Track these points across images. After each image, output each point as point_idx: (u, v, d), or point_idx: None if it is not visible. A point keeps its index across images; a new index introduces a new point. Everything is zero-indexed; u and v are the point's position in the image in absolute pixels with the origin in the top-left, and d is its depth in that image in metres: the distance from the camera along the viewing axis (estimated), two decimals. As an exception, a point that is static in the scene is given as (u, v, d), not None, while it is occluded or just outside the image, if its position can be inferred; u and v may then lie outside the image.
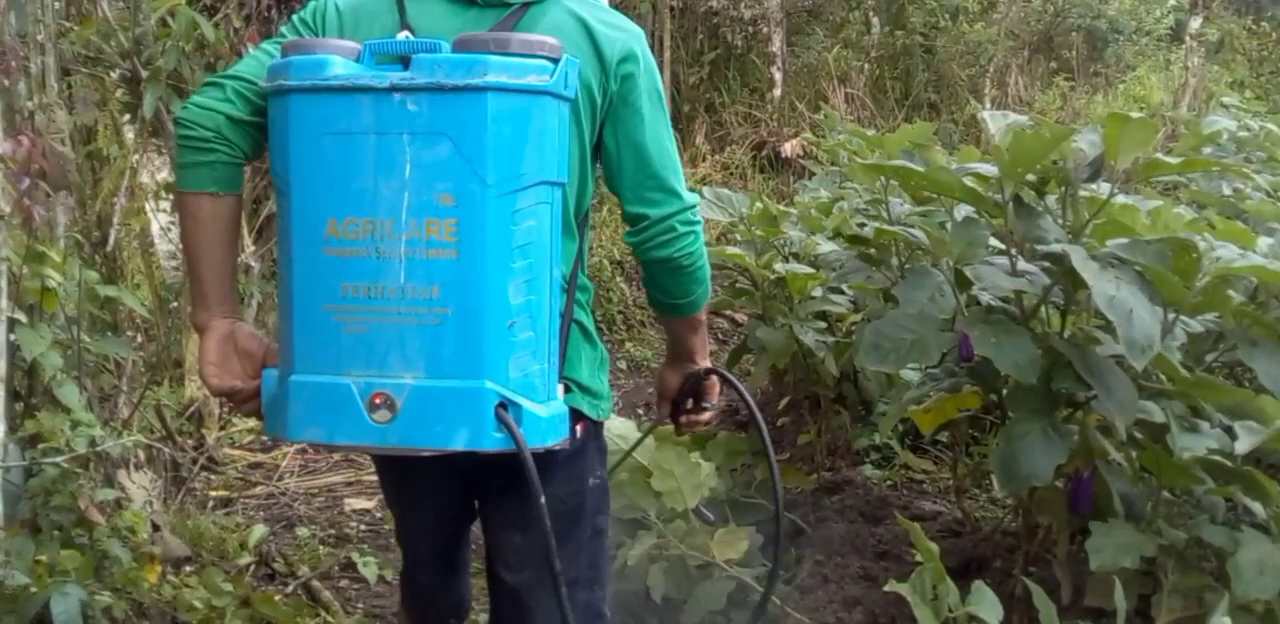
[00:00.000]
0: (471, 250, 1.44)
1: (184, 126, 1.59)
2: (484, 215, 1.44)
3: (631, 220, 1.68)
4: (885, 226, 2.76)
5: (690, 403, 1.92)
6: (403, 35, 1.58)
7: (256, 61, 1.61)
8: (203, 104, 1.58)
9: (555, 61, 1.47)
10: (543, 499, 1.48)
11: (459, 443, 1.45)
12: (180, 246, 2.83)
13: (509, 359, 1.47)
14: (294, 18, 1.67)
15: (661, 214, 1.65)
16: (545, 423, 1.50)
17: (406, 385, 1.44)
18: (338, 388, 1.46)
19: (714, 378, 1.90)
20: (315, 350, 1.49)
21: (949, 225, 2.55)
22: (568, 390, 1.62)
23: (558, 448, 1.55)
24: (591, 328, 1.75)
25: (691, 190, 1.71)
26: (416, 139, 1.43)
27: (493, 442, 1.45)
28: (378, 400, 1.45)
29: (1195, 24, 10.00)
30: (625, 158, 1.65)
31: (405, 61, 1.45)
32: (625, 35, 1.63)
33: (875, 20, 9.54)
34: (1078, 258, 2.07)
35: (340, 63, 1.47)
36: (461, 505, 1.88)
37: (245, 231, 4.19)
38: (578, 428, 1.67)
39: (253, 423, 4.21)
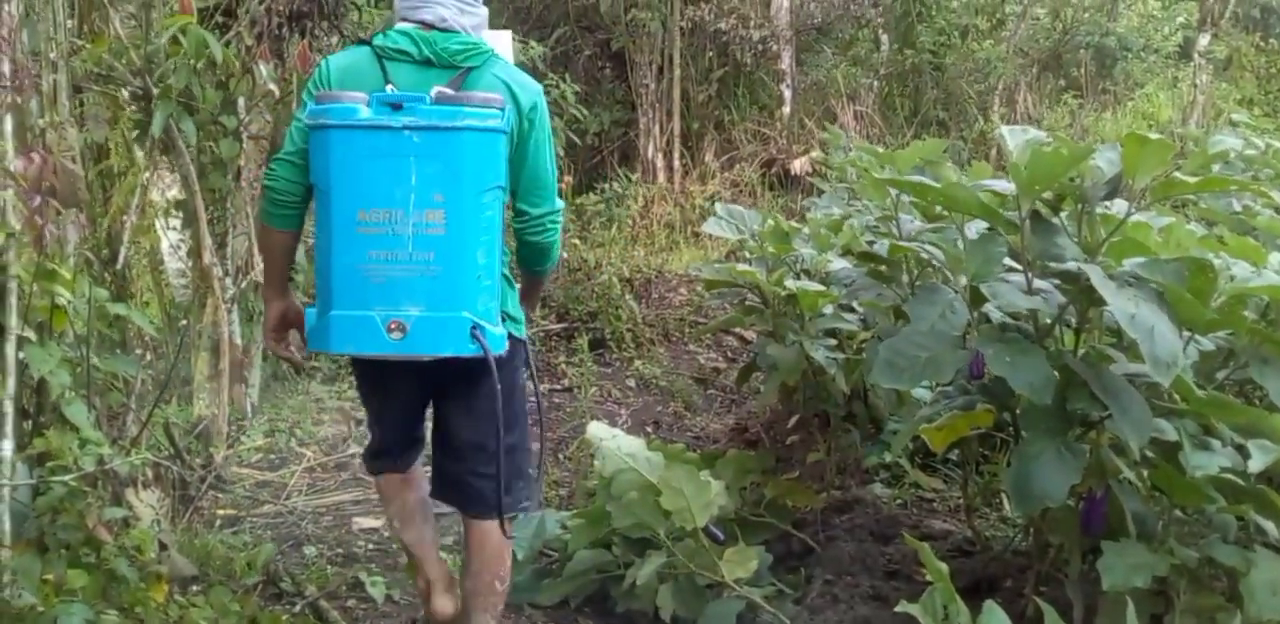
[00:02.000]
0: (455, 229, 2.20)
1: (276, 192, 2.36)
2: (463, 207, 2.20)
3: (518, 213, 2.44)
4: (900, 242, 2.75)
5: None
6: (389, 88, 2.26)
7: (299, 133, 2.32)
8: (289, 177, 2.35)
9: (502, 111, 2.23)
10: (499, 387, 2.28)
11: (448, 350, 2.22)
12: (185, 258, 4.02)
13: (478, 298, 2.24)
14: (309, 83, 2.41)
15: (540, 212, 2.44)
16: (499, 338, 2.29)
17: (413, 316, 2.20)
18: (366, 318, 2.20)
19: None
20: (350, 294, 2.21)
21: (959, 242, 2.54)
22: (504, 319, 2.40)
23: (504, 355, 2.31)
24: (510, 276, 2.49)
25: (560, 200, 2.50)
26: (419, 160, 2.18)
27: (469, 350, 2.22)
28: (393, 326, 2.19)
29: (1204, 41, 10.01)
30: (523, 174, 2.39)
31: (394, 105, 2.17)
32: (533, 90, 2.38)
33: (884, 38, 9.57)
34: (1096, 276, 2.06)
35: (364, 109, 2.18)
36: (423, 399, 2.60)
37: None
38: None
39: (260, 441, 4.21)
